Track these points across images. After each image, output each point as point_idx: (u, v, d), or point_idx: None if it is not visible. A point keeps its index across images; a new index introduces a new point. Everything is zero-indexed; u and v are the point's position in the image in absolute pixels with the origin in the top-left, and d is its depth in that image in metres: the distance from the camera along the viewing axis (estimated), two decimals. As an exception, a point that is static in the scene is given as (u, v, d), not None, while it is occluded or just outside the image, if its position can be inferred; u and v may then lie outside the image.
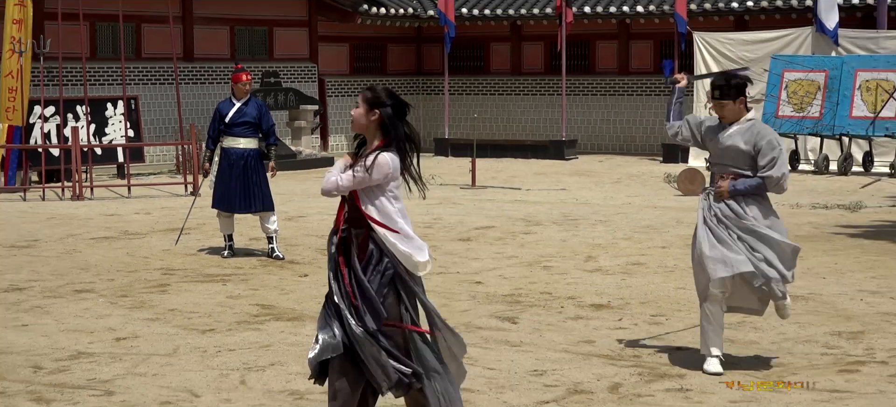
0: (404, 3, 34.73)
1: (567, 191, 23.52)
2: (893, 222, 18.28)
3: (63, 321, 11.31)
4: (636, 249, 15.67)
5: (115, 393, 8.69)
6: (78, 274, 14.03)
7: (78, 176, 22.61)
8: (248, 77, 15.49)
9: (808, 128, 27.34)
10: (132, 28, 28.75)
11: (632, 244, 16.18)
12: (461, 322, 11.15)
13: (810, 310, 11.64)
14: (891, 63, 26.90)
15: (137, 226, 18.45)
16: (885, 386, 8.77)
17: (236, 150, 15.18)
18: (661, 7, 32.14)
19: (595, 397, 8.52)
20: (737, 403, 8.36)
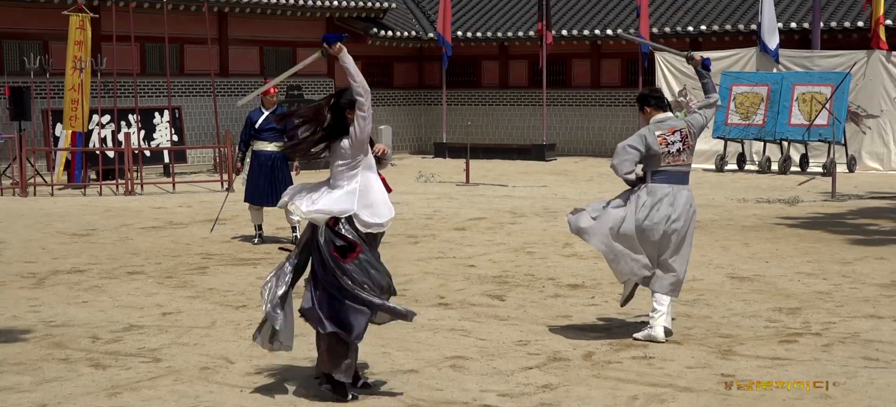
0: (408, 27, 34.72)
1: (547, 187, 23.52)
2: (826, 214, 18.29)
3: (117, 298, 11.31)
4: (606, 237, 15.67)
5: (161, 360, 8.69)
6: (130, 258, 14.03)
7: (130, 174, 22.62)
8: (274, 90, 15.49)
9: (753, 134, 27.37)
10: (176, 48, 28.74)
11: (603, 233, 16.15)
12: (457, 300, 11.16)
13: (755, 289, 11.64)
14: (824, 78, 26.91)
15: (181, 217, 18.44)
16: (819, 354, 8.77)
17: (264, 152, 15.19)
18: (628, 30, 32.12)
19: (571, 364, 8.53)
20: (692, 368, 8.36)
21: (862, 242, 15.03)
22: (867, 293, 11.37)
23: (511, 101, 35.09)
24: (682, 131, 9.37)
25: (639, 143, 9.32)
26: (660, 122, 9.39)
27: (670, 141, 9.31)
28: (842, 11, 30.39)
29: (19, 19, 25.75)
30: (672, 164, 9.32)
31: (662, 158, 9.29)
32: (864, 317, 10.19)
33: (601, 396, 7.61)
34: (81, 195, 22.21)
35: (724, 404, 7.41)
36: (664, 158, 9.29)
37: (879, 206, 19.67)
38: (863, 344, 9.11)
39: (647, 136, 9.33)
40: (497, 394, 7.69)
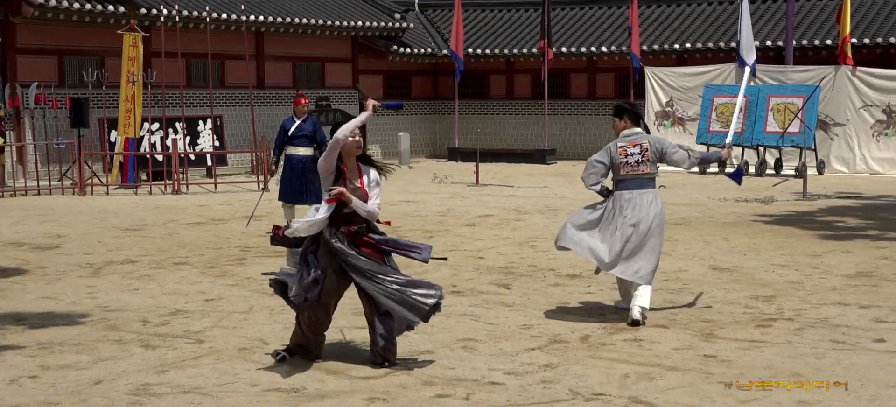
0: (424, 45, 34.71)
1: (548, 188, 23.49)
2: (798, 212, 18.24)
3: (165, 286, 11.33)
4: (601, 232, 15.64)
5: (204, 341, 8.70)
6: (176, 250, 14.05)
7: (176, 176, 22.67)
8: (305, 101, 15.50)
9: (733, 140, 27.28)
10: (218, 63, 28.77)
11: (598, 228, 16.13)
12: (468, 288, 11.14)
13: (734, 279, 11.61)
14: (796, 90, 26.85)
15: (222, 214, 18.46)
16: (791, 337, 8.75)
17: (296, 156, 15.20)
18: (620, 48, 32.09)
19: (570, 345, 8.51)
20: (678, 349, 8.33)
21: (830, 237, 14.99)
22: (835, 283, 11.34)
23: (516, 110, 35.07)
24: (643, 145, 9.48)
25: (604, 157, 9.56)
26: (625, 136, 9.57)
27: (629, 152, 9.45)
28: (812, 31, 30.36)
29: (79, 38, 25.80)
30: (631, 172, 9.43)
31: (622, 168, 9.44)
32: (832, 304, 10.16)
33: (596, 375, 7.60)
34: (133, 194, 22.24)
35: (706, 381, 7.39)
36: (623, 168, 9.44)
37: (846, 205, 19.62)
38: (831, 328, 9.08)
39: (611, 149, 9.57)
40: (503, 372, 7.68)
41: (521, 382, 7.41)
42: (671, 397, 7.02)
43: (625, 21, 32.71)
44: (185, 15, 26.22)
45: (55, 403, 6.95)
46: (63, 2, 24.19)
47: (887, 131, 26.91)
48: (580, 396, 7.06)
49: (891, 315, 9.62)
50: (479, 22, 36.21)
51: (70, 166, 23.56)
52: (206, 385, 7.36)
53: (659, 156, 9.52)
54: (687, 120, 29.27)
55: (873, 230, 15.81)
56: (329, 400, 7.00)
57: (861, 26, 29.13)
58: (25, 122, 24.37)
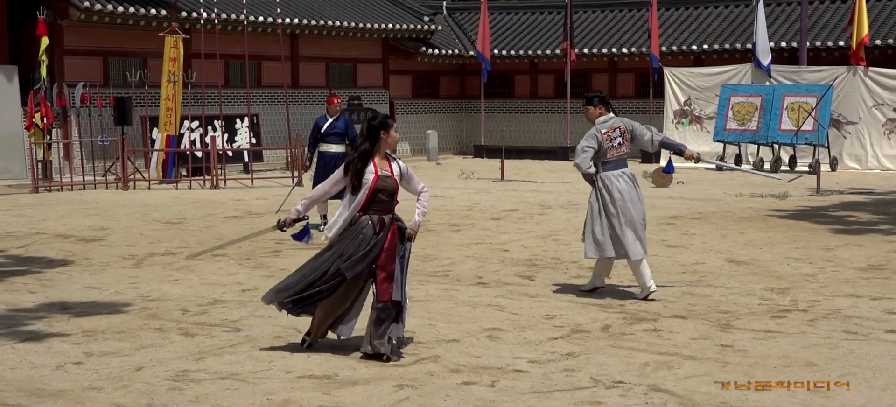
0: (452, 46, 34.66)
1: (571, 184, 23.42)
2: (811, 207, 18.12)
3: (203, 277, 11.36)
4: (621, 226, 15.58)
5: (241, 330, 8.71)
6: (215, 242, 14.08)
7: (215, 171, 22.72)
8: (338, 100, 15.50)
9: (749, 138, 27.15)
10: (255, 64, 28.83)
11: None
12: (493, 280, 11.12)
13: (750, 272, 11.54)
14: (809, 90, 26.68)
15: (258, 207, 18.50)
16: (805, 328, 8.69)
17: (329, 152, 15.21)
18: (640, 49, 31.95)
19: (591, 335, 8.48)
20: (696, 339, 8.29)
21: (843, 232, 14.88)
22: (847, 275, 11.25)
23: (540, 109, 34.99)
24: (621, 128, 10.01)
25: (593, 143, 9.92)
26: (604, 122, 9.99)
27: (613, 137, 9.93)
28: (825, 33, 30.15)
29: (122, 40, 25.91)
30: (615, 155, 9.93)
31: (608, 152, 9.89)
32: (845, 296, 10.09)
33: (617, 363, 7.56)
34: (174, 189, 22.33)
35: (723, 371, 7.34)
36: (610, 151, 9.90)
37: (858, 200, 19.47)
38: (843, 319, 9.01)
39: (597, 135, 9.92)
40: (527, 360, 7.66)
41: (545, 370, 7.38)
42: (689, 385, 6.98)
43: (644, 23, 32.57)
44: (224, 18, 26.29)
45: (98, 388, 6.97)
46: (108, 5, 24.31)
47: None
48: (601, 384, 7.02)
49: (902, 307, 9.54)
50: (504, 24, 36.13)
51: (114, 162, 23.67)
52: (243, 371, 7.37)
53: (631, 136, 10.05)
54: (704, 118, 29.12)
55: (884, 225, 15.69)
56: (360, 387, 6.99)
57: (873, 28, 28.88)
58: (72, 120, 24.50)
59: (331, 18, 29.99)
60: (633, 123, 10.12)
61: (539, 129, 34.86)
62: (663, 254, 12.84)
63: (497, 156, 28.41)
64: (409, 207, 8.43)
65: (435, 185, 22.64)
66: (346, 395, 6.82)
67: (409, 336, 8.41)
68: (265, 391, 6.89)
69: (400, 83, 33.62)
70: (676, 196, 20.05)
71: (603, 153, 9.90)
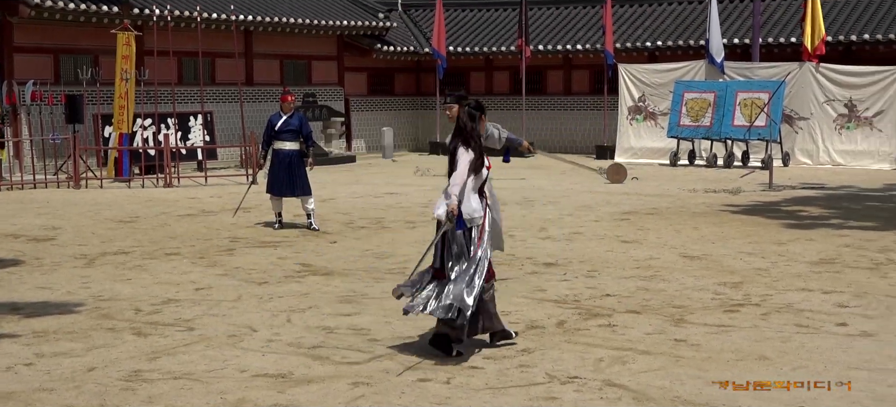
0: (407, 43, 34.62)
1: (526, 180, 23.47)
2: (764, 202, 18.27)
3: (157, 276, 11.27)
4: (577, 222, 15.66)
5: (195, 329, 8.66)
6: (168, 241, 13.99)
7: (168, 170, 22.55)
8: (292, 97, 15.43)
9: (702, 133, 27.34)
10: (208, 61, 28.63)
11: (573, 219, 16.15)
12: (448, 276, 11.12)
13: (703, 266, 11.62)
14: (762, 86, 26.91)
15: (212, 206, 18.39)
16: (758, 322, 8.76)
17: (283, 150, 15.14)
18: (594, 46, 32.07)
19: (546, 331, 8.50)
20: (650, 334, 8.33)
21: (795, 226, 15.02)
22: (799, 270, 11.36)
23: (495, 106, 35.01)
24: None
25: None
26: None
27: None
28: (777, 29, 30.41)
29: (74, 37, 25.64)
30: None
31: None
32: (797, 290, 10.18)
33: (572, 359, 7.59)
34: (126, 187, 22.14)
35: (676, 365, 7.39)
36: None
37: (809, 195, 19.67)
38: (795, 313, 9.10)
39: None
40: (483, 357, 7.66)
41: (500, 367, 7.39)
42: (643, 380, 7.02)
43: (599, 20, 32.70)
44: (177, 15, 26.10)
45: (50, 390, 6.90)
46: (58, 2, 24.03)
47: (849, 125, 26.99)
48: (556, 380, 7.05)
49: (852, 300, 9.65)
50: (459, 21, 36.15)
51: (65, 161, 23.43)
52: (197, 371, 7.32)
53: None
54: (658, 114, 29.29)
55: (835, 219, 15.86)
56: (315, 385, 6.97)
57: (824, 24, 29.17)
58: (22, 119, 24.22)
59: (285, 15, 29.86)
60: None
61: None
62: (618, 249, 12.91)
63: (452, 153, 28.33)
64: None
65: (390, 182, 22.61)
66: (301, 393, 6.79)
67: (367, 330, 8.40)
68: (219, 391, 6.85)
69: (355, 80, 33.54)
70: (631, 192, 20.16)
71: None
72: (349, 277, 11.07)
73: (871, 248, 12.87)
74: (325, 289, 10.43)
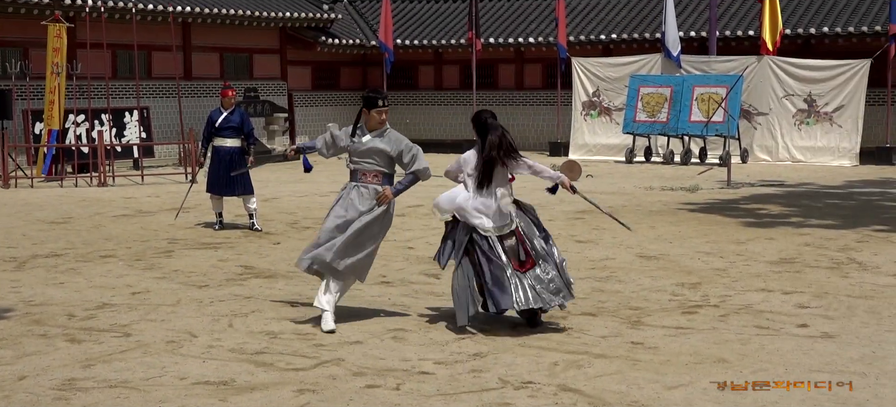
0: (353, 35, 34.56)
1: (477, 178, 23.48)
2: (722, 200, 18.43)
3: (91, 279, 11.16)
4: (530, 221, 15.67)
5: (131, 335, 8.58)
6: (103, 243, 13.86)
7: (103, 168, 22.35)
8: (233, 92, 15.35)
9: (659, 129, 27.53)
10: (144, 54, 28.40)
11: (526, 218, 16.17)
12: (397, 278, 11.13)
13: (660, 267, 11.70)
14: (719, 80, 27.14)
15: (149, 206, 18.24)
16: (716, 324, 8.83)
17: (224, 148, 15.06)
18: (547, 38, 32.20)
19: (499, 334, 8.51)
20: (606, 337, 8.37)
21: (754, 225, 15.17)
22: (758, 269, 11.47)
23: (445, 101, 35.07)
24: None
25: None
26: None
27: None
28: (735, 22, 30.69)
29: (2, 28, 25.33)
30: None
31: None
32: (756, 290, 10.28)
33: (526, 363, 7.61)
34: (59, 187, 21.91)
35: (633, 368, 7.43)
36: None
37: (769, 192, 19.87)
38: (755, 314, 9.18)
39: None
40: (433, 362, 7.66)
41: (451, 371, 7.40)
42: (599, 384, 7.05)
43: (552, 12, 32.82)
44: (111, 5, 25.86)
45: (-22, 400, 6.81)
46: (-15, -8, 23.75)
47: (808, 120, 27.29)
48: (509, 385, 7.06)
49: (813, 301, 9.75)
50: (407, 13, 36.15)
51: (-7, 159, 23.14)
52: (133, 379, 7.26)
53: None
54: (613, 110, 29.46)
55: (796, 217, 16.03)
56: (258, 392, 6.93)
57: (783, 17, 29.49)
58: (-53, 115, 23.88)
59: (225, 6, 29.69)
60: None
61: (444, 121, 34.94)
62: (572, 249, 12.96)
63: (401, 150, 28.33)
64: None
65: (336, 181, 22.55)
66: (243, 401, 6.76)
67: (312, 335, 8.38)
68: (158, 399, 6.79)
69: (299, 74, 33.42)
70: (586, 190, 20.24)
71: None
72: (293, 279, 11.02)
73: (832, 247, 13.02)
74: (268, 292, 10.38)
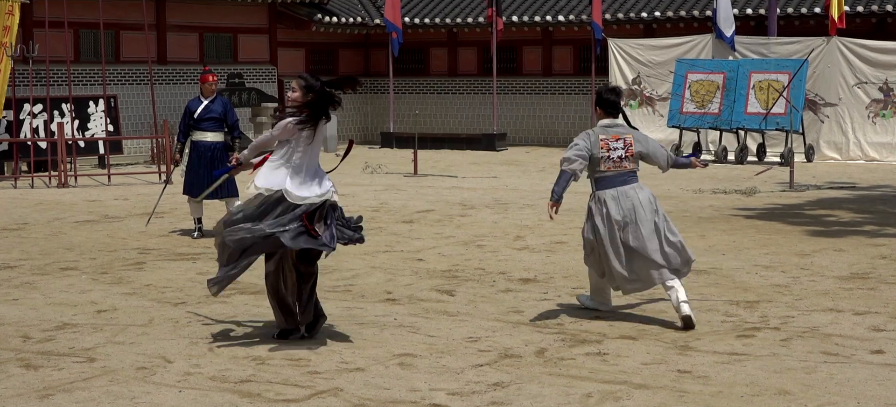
0: (353, 13, 34.61)
1: (498, 178, 23.51)
2: (783, 205, 18.39)
3: (49, 296, 11.18)
4: (559, 229, 15.68)
5: (96, 360, 8.59)
6: (63, 253, 13.89)
7: (63, 166, 22.41)
8: (214, 78, 15.38)
9: (709, 122, 27.49)
10: (112, 34, 28.49)
11: (555, 225, 16.16)
12: (405, 295, 11.13)
13: (711, 282, 11.68)
14: (780, 66, 27.07)
15: (116, 210, 18.29)
16: (777, 349, 8.81)
17: (204, 142, 15.09)
18: (579, 16, 32.20)
19: (523, 360, 8.50)
20: (648, 364, 8.36)
21: (820, 234, 15.12)
22: (826, 286, 11.44)
23: (460, 89, 35.09)
24: (627, 139, 9.85)
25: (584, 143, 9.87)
26: (606, 128, 9.89)
27: (612, 147, 9.80)
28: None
29: (-54, 4, 25.46)
30: (613, 168, 9.80)
31: (603, 163, 9.77)
32: (823, 310, 10.25)
33: (554, 394, 7.59)
34: (11, 188, 21.97)
35: (680, 402, 7.41)
36: (604, 163, 9.77)
37: (838, 196, 19.82)
38: (822, 338, 9.15)
39: (590, 136, 9.86)
40: (446, 392, 7.66)
41: (468, 404, 7.39)
42: (640, 420, 7.03)
43: (585, -14, 32.85)
44: (73, -22, 25.97)
45: (-82, 435, 6.83)
46: (-73, -38, 23.83)
47: (884, 112, 27.23)
48: (535, 420, 7.05)
49: (890, 322, 9.72)
50: (416, -14, 36.22)
51: (-63, 155, 23.24)
52: (98, 411, 7.27)
53: (647, 152, 9.95)
54: (657, 99, 29.45)
55: (869, 225, 15.99)
56: (243, 427, 6.94)
57: (854, -8, 29.44)
58: None
59: (205, -21, 29.80)
60: (645, 140, 10.02)
61: (459, 112, 34.96)
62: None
63: (409, 145, 28.42)
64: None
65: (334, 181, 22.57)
66: (226, 437, 6.76)
67: (306, 360, 8.38)
68: (126, 435, 6.80)
69: (290, 58, 33.47)
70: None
71: (596, 163, 9.79)
72: (284, 296, 11.02)
73: (912, 259, 13.00)
74: (255, 310, 10.39)
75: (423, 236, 15.25)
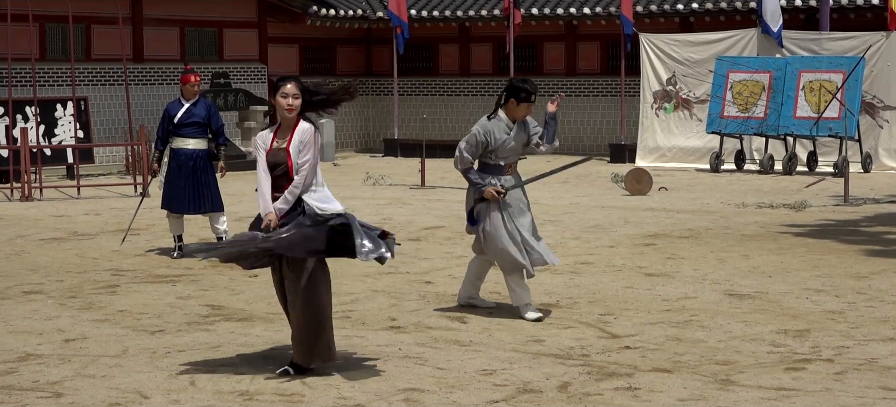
0: (353, 5, 34.65)
1: (515, 191, 23.47)
2: (838, 221, 18.36)
3: (11, 323, 11.18)
4: (584, 248, 15.66)
5: (63, 395, 8.59)
6: (26, 275, 13.89)
7: (27, 177, 22.44)
8: (196, 78, 15.39)
9: (754, 128, 27.46)
10: (82, 29, 28.55)
11: (580, 244, 16.17)
12: (411, 322, 11.12)
13: (757, 308, 11.66)
14: (833, 64, 27.03)
15: (87, 227, 18.30)
16: (830, 383, 8.78)
17: (185, 150, 15.09)
18: (607, 9, 32.20)
19: (544, 396, 8.49)
20: (685, 401, 8.35)
21: (879, 254, 15.10)
22: (886, 312, 11.41)
23: (473, 90, 35.11)
24: None
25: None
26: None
27: None
28: (854, -13, 30.59)
29: None
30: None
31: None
32: (883, 340, 10.22)
33: (579, 435, 7.58)
34: (-30, 201, 22.02)
35: (721, 443, 7.40)
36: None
37: (899, 211, 19.81)
38: (881, 371, 9.13)
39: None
40: (458, 432, 7.65)
41: (481, 446, 7.38)
42: (676, 463, 7.03)
43: (614, -26, 32.86)
44: (39, -35, 26.04)
45: None
46: None
47: (951, 116, 27.23)
48: (558, 463, 7.05)
49: (958, 354, 9.70)
50: (424, -25, 36.28)
51: None
52: (66, 453, 7.28)
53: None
54: (694, 102, 29.42)
55: (934, 244, 15.98)
56: (228, 471, 6.93)
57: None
58: None
59: (187, -34, 29.89)
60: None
61: (472, 116, 34.91)
62: (641, 285, 12.92)
63: (416, 154, 28.43)
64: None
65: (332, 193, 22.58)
66: (209, 483, 6.76)
67: (299, 396, 8.37)
68: (97, 480, 6.80)
69: (282, 55, 33.52)
70: (657, 207, 20.21)
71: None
72: (275, 323, 11.03)
73: (983, 282, 12.96)
74: (241, 339, 10.39)
75: (432, 256, 15.24)
